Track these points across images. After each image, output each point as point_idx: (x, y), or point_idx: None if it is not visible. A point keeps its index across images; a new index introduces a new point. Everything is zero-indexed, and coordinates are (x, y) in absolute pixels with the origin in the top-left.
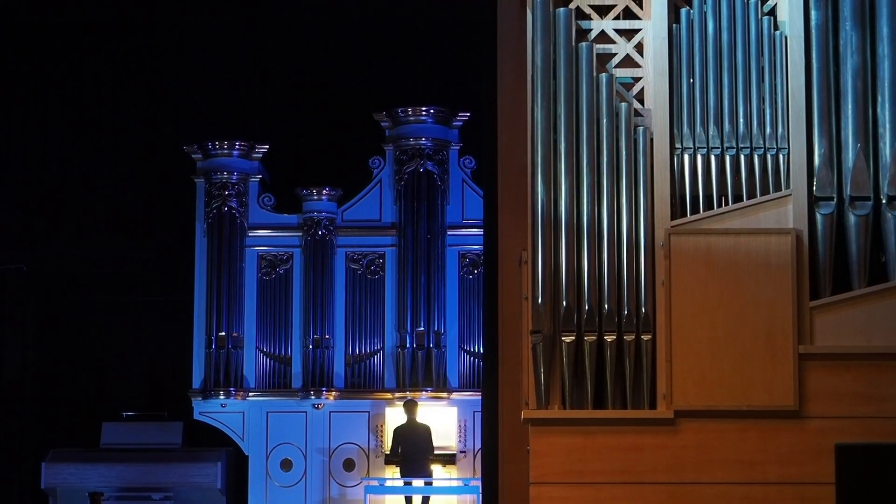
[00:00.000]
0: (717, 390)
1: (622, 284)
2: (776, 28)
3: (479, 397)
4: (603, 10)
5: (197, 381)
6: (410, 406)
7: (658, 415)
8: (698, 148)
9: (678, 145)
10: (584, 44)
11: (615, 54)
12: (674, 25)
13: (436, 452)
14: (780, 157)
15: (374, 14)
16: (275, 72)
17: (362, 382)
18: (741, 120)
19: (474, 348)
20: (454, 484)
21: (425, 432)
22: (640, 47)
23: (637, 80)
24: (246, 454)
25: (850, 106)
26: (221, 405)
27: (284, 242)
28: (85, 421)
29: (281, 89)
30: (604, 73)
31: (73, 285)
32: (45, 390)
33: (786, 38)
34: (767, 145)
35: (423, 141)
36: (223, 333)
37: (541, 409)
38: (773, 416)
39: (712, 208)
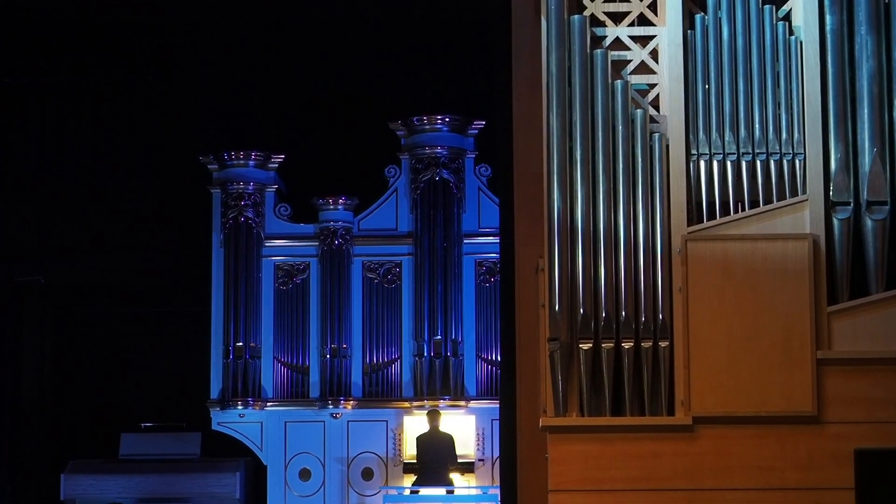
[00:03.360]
0: (735, 396)
1: (639, 291)
2: (791, 33)
3: (497, 405)
4: (617, 17)
5: (215, 392)
6: (433, 416)
7: (676, 421)
8: (714, 154)
9: (694, 151)
10: (598, 51)
11: (630, 61)
12: (688, 31)
13: (458, 462)
14: (797, 162)
15: (389, 23)
16: (290, 81)
17: (380, 391)
18: (757, 125)
19: (492, 356)
20: (473, 492)
21: (447, 441)
22: (654, 54)
23: (652, 86)
24: (264, 464)
25: (866, 110)
26: (239, 415)
27: (301, 252)
28: (103, 432)
29: (296, 99)
30: (619, 80)
31: (91, 297)
32: (64, 402)
33: (801, 42)
34: (783, 150)
35: (439, 149)
36: (241, 343)
37: (559, 417)
38: (791, 422)
39: (729, 214)
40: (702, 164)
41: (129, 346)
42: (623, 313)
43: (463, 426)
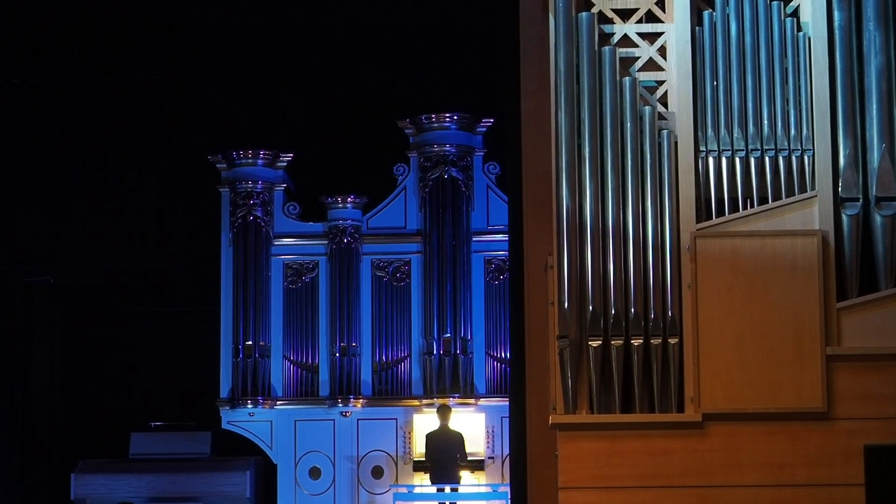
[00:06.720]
0: (745, 393)
1: (648, 288)
2: (799, 29)
3: (507, 403)
4: (625, 14)
5: (224, 391)
6: (444, 412)
7: (686, 418)
8: (723, 150)
9: (702, 148)
10: (606, 48)
11: (638, 58)
12: (696, 28)
13: (468, 459)
14: (805, 158)
15: (397, 21)
16: (299, 80)
17: (390, 390)
18: (765, 122)
19: (501, 354)
20: (483, 490)
21: (456, 439)
22: (663, 50)
23: (660, 83)
24: (274, 463)
25: (874, 106)
26: (249, 414)
27: (310, 251)
28: (114, 431)
29: (305, 98)
30: (627, 77)
31: (100, 297)
32: (74, 402)
33: (809, 39)
34: (792, 147)
35: (448, 147)
36: (250, 342)
37: (568, 414)
38: (801, 418)
39: (737, 211)
40: (710, 160)
41: (138, 345)
42: (632, 310)
43: (472, 424)
